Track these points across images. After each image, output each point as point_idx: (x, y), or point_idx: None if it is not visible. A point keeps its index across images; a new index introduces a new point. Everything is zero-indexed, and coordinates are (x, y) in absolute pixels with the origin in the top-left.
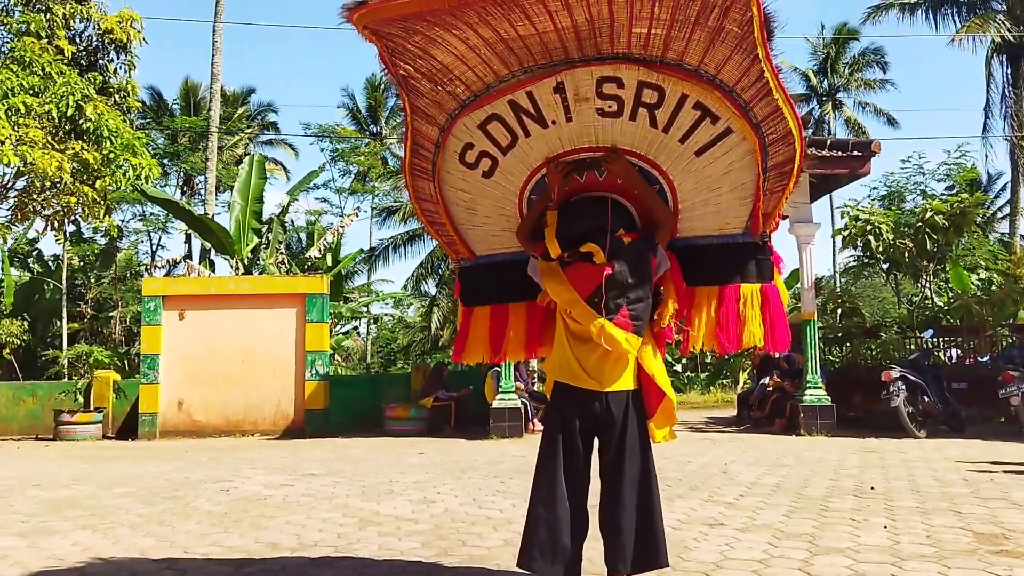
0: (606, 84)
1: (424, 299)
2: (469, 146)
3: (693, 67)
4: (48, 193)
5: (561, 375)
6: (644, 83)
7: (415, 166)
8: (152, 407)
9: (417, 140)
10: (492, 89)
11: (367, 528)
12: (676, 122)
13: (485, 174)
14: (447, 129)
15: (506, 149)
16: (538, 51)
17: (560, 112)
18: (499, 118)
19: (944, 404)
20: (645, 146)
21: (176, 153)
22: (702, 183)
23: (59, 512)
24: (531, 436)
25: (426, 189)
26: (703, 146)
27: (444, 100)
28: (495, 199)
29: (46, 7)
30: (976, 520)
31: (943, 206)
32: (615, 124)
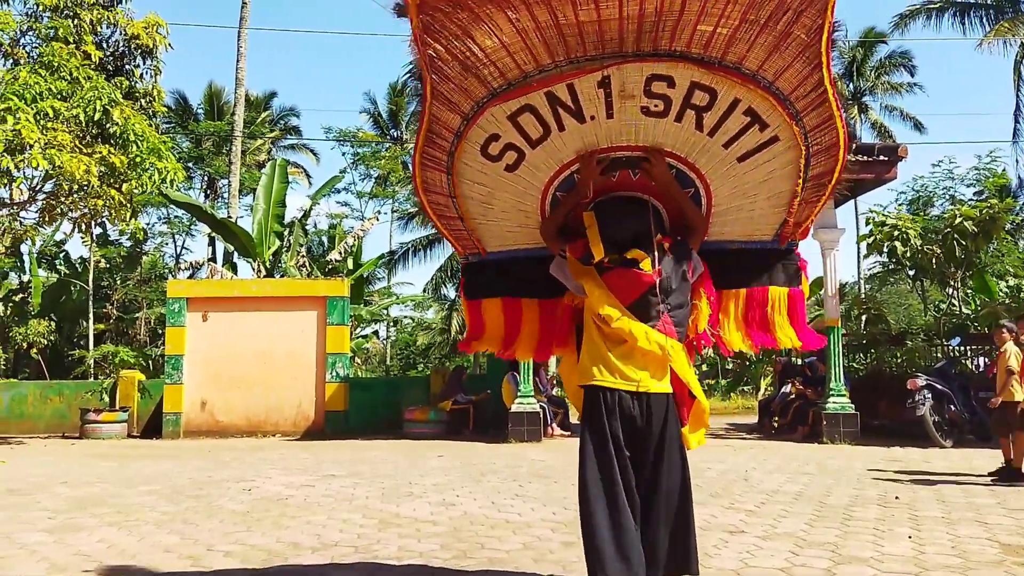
0: (656, 82)
1: (443, 302)
2: (494, 137)
3: (751, 72)
4: (75, 196)
5: (597, 377)
6: (697, 84)
7: (427, 155)
8: (176, 407)
9: (434, 128)
10: (531, 79)
11: (387, 529)
12: (723, 126)
13: (509, 167)
14: (472, 119)
15: (536, 142)
16: (592, 41)
17: (601, 107)
18: (532, 110)
19: (971, 413)
20: (687, 149)
21: (200, 157)
22: (739, 189)
23: (85, 509)
24: (550, 440)
25: (437, 181)
26: (747, 152)
27: (473, 87)
28: (516, 194)
29: (74, 13)
30: (1002, 531)
31: (972, 212)
32: (659, 124)
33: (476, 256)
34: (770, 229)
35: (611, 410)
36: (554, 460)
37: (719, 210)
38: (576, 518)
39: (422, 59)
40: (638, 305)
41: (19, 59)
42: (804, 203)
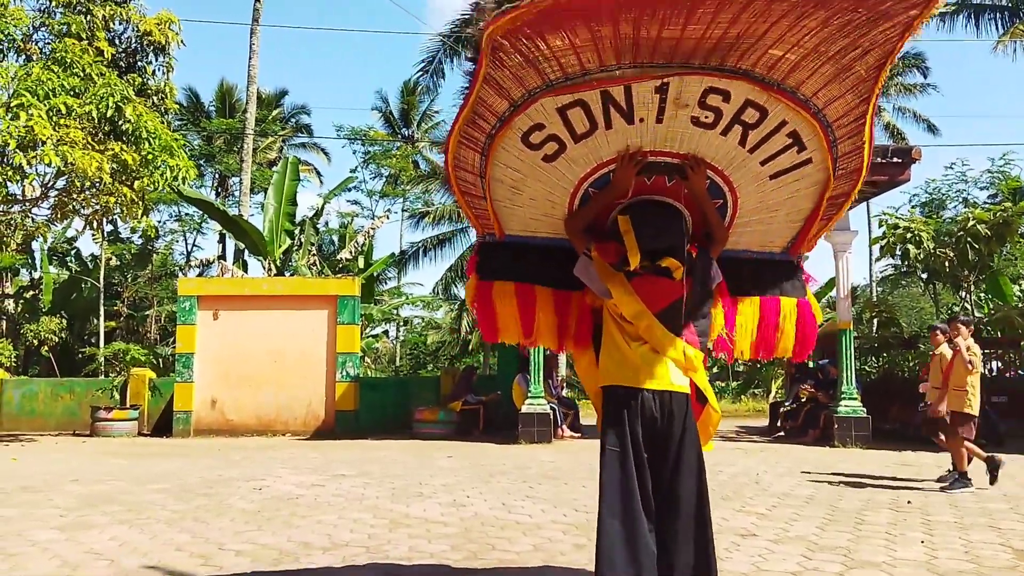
0: (712, 95)
1: (453, 302)
2: (538, 127)
3: (805, 97)
4: (87, 193)
5: (619, 377)
6: (751, 102)
7: (466, 134)
8: (186, 405)
9: (478, 110)
10: (590, 77)
11: (397, 530)
12: (765, 145)
13: (547, 158)
14: (521, 107)
15: (580, 137)
16: (664, 52)
17: (652, 112)
18: (584, 105)
19: (983, 417)
20: (726, 162)
21: (211, 154)
22: (764, 204)
23: (96, 507)
24: (560, 442)
25: (469, 159)
26: (780, 171)
27: (528, 77)
28: (548, 184)
29: (87, 9)
30: (1016, 536)
31: (985, 215)
32: (704, 135)
33: (492, 236)
34: (782, 242)
35: (633, 411)
36: (564, 462)
37: (740, 222)
38: (588, 521)
39: (485, 49)
40: (666, 313)
41: (32, 55)
42: (820, 220)
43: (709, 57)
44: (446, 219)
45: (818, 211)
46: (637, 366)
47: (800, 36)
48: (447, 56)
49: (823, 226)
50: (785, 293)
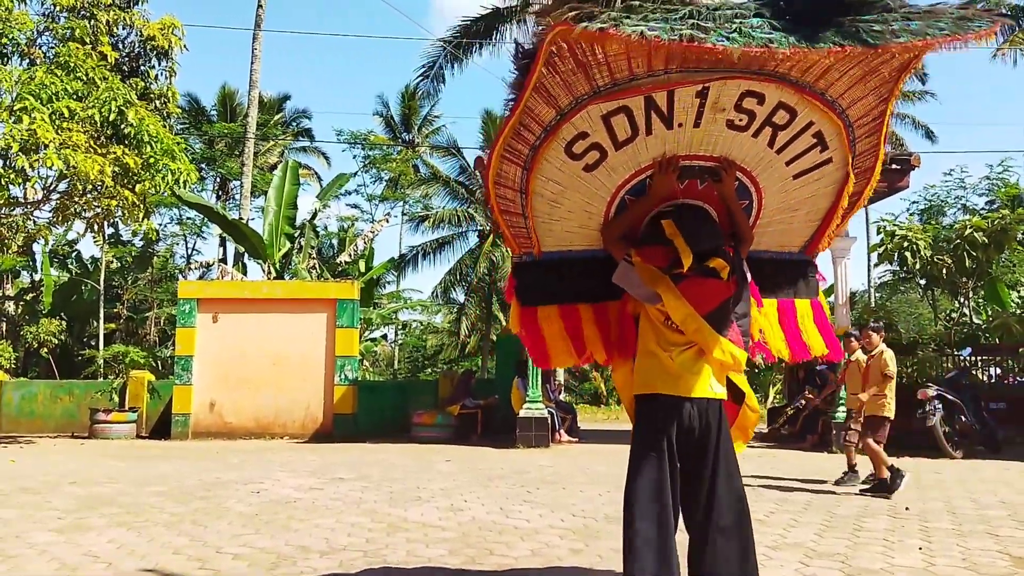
0: (747, 98)
1: (452, 306)
2: (582, 136)
3: (832, 98)
4: (89, 196)
5: (658, 385)
6: (783, 104)
7: (509, 148)
8: (185, 408)
9: (524, 121)
10: (637, 82)
11: (395, 534)
12: (791, 145)
13: (588, 167)
14: (568, 115)
15: (620, 144)
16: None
17: (691, 116)
18: (627, 111)
19: (981, 424)
20: (754, 163)
21: (212, 158)
22: (786, 203)
23: (95, 509)
24: (557, 446)
25: (511, 175)
26: (803, 171)
27: (577, 83)
28: (586, 194)
29: (91, 14)
30: (1014, 544)
31: (983, 222)
32: (736, 137)
33: (529, 256)
34: (800, 241)
35: (671, 420)
36: (562, 466)
37: (763, 222)
38: (585, 526)
39: (542, 55)
40: (715, 315)
41: (36, 59)
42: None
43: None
44: (445, 223)
45: (836, 208)
46: (677, 374)
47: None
48: (448, 61)
49: (839, 224)
50: (799, 294)
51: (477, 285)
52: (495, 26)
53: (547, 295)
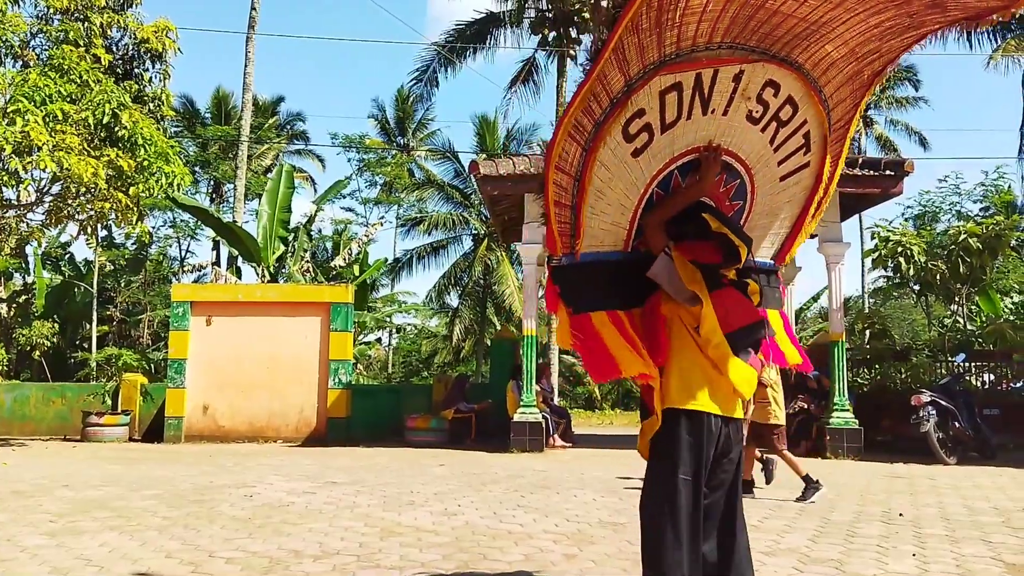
0: (767, 88)
1: (447, 311)
2: (639, 113)
3: (825, 97)
4: (83, 198)
5: (701, 401)
6: (791, 98)
7: (577, 122)
8: (178, 411)
9: (595, 89)
10: (696, 54)
11: (388, 538)
12: (785, 144)
13: (636, 152)
14: (636, 86)
15: (666, 127)
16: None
17: (723, 103)
18: (679, 89)
19: (975, 430)
20: (754, 159)
21: (207, 161)
22: (768, 207)
23: (87, 512)
24: (551, 451)
25: (571, 156)
26: (787, 173)
27: (649, 48)
28: (626, 185)
29: (84, 16)
30: (1007, 550)
31: (977, 229)
32: (748, 131)
33: (569, 258)
34: (769, 251)
35: (710, 439)
36: (556, 471)
37: (747, 227)
38: (579, 531)
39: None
40: (738, 335)
41: (29, 61)
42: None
43: (786, 48)
44: (440, 227)
45: (805, 215)
46: (715, 390)
47: (855, 33)
48: (441, 65)
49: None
50: (769, 305)
51: (471, 289)
52: (488, 30)
53: (596, 299)
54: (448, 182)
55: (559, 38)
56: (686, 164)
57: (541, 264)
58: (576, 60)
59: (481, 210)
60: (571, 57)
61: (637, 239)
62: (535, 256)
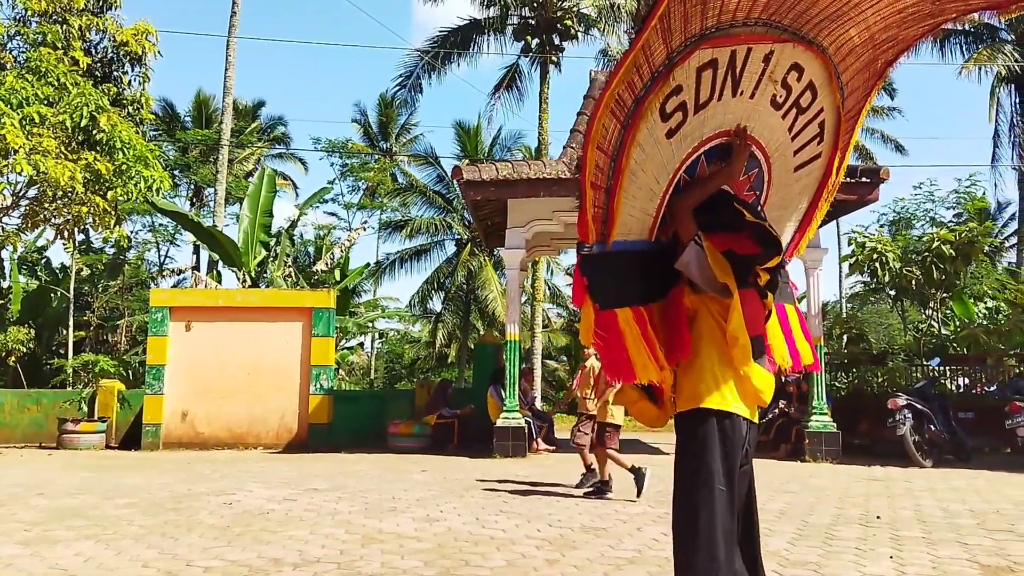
0: (792, 72)
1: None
2: (677, 90)
3: (843, 84)
4: (59, 202)
5: (736, 404)
6: (812, 84)
7: (619, 97)
8: (156, 418)
9: (639, 60)
10: (735, 28)
11: (369, 545)
12: (802, 132)
13: (669, 132)
14: (678, 59)
15: (699, 107)
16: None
17: (752, 85)
18: (715, 66)
19: (950, 433)
20: (773, 147)
21: (187, 165)
22: (782, 200)
23: (62, 521)
24: (534, 456)
25: (610, 133)
26: (801, 164)
27: (693, 17)
28: (657, 168)
29: (63, 19)
30: (982, 552)
31: (951, 235)
32: (771, 116)
33: (600, 246)
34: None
35: (742, 441)
36: (539, 476)
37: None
38: (561, 536)
39: None
40: (758, 341)
41: (6, 64)
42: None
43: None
44: (423, 232)
45: (815, 209)
46: (744, 391)
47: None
48: (425, 71)
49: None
50: (785, 299)
51: (455, 294)
52: (472, 37)
53: (623, 294)
54: (431, 187)
55: (542, 45)
56: (711, 150)
57: (524, 269)
58: (559, 67)
59: (464, 215)
60: (554, 63)
61: (660, 229)
62: (518, 261)
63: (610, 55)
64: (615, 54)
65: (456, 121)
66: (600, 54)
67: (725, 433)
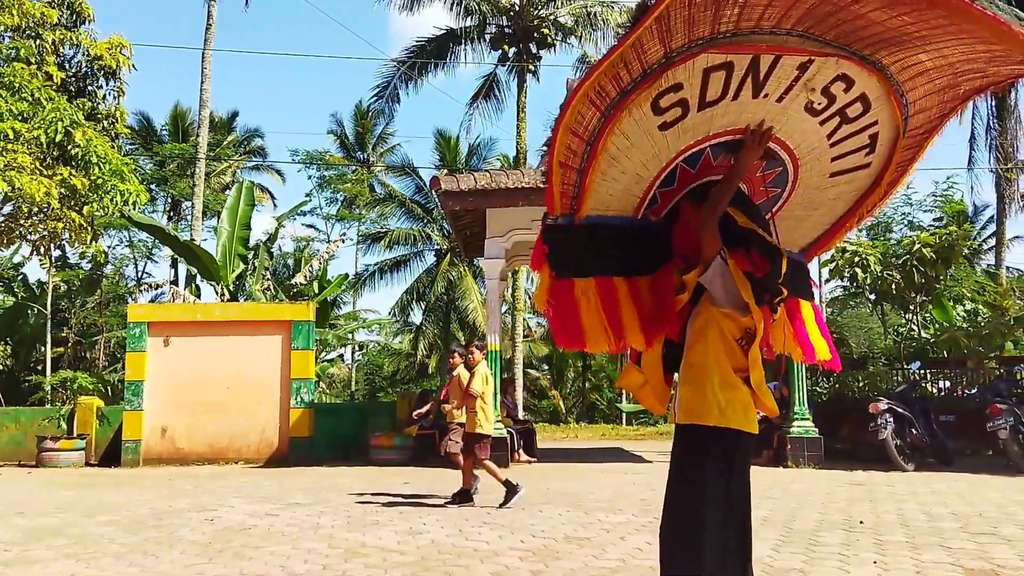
0: (837, 83)
1: (410, 327)
2: (675, 88)
3: (907, 102)
4: (35, 218)
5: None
6: (864, 96)
7: (600, 88)
8: (135, 434)
9: (627, 57)
10: (758, 36)
11: (352, 559)
12: (846, 142)
13: (664, 125)
14: (677, 60)
15: (705, 105)
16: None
17: (780, 89)
18: (729, 69)
19: (932, 437)
20: (805, 151)
21: (164, 178)
22: (810, 202)
23: (42, 540)
24: (516, 466)
25: (587, 120)
26: (841, 171)
27: (700, 23)
28: (647, 157)
29: (36, 33)
30: (965, 556)
31: (931, 239)
32: (804, 122)
33: (567, 219)
34: (803, 242)
35: (744, 456)
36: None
37: (780, 216)
38: (545, 546)
39: None
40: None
41: None
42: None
43: (872, 45)
44: (402, 243)
45: (852, 216)
46: (747, 406)
47: (958, 52)
48: (402, 82)
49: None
50: (802, 295)
51: (435, 304)
52: (449, 46)
53: (585, 265)
54: (410, 197)
55: (519, 54)
56: (720, 144)
57: (504, 279)
58: (536, 75)
59: (444, 225)
60: (531, 72)
61: (650, 209)
62: (498, 271)
63: (588, 62)
64: (592, 61)
65: (437, 129)
66: (578, 62)
67: (727, 451)
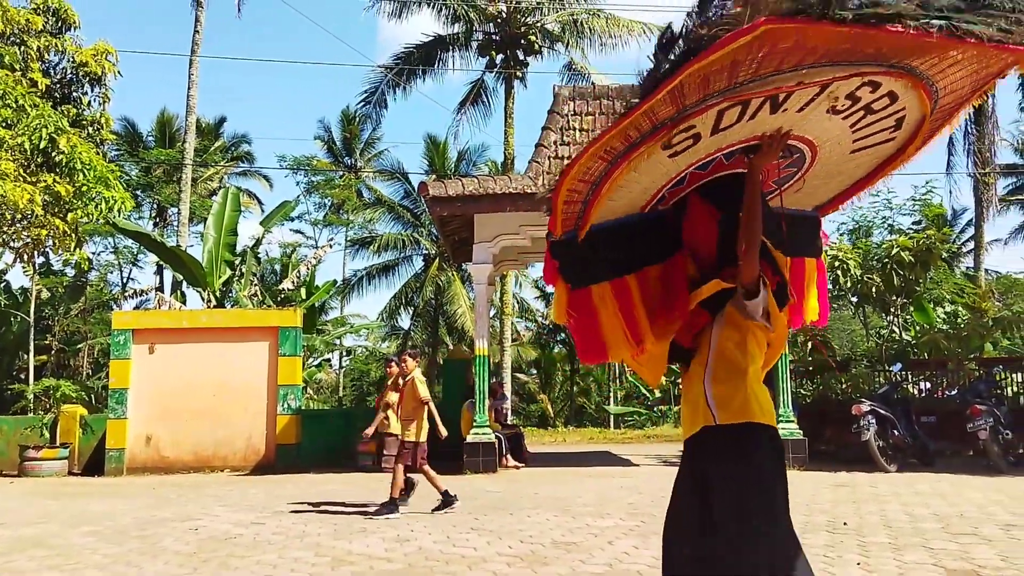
0: (863, 88)
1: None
2: (687, 129)
3: (937, 88)
4: (18, 225)
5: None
6: (891, 92)
7: (609, 148)
8: (119, 442)
9: (639, 121)
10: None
11: (340, 568)
12: (871, 126)
13: (675, 154)
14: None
15: (720, 130)
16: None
17: (800, 103)
18: (745, 104)
19: (913, 438)
20: (825, 140)
21: (150, 185)
22: (828, 173)
23: (24, 551)
24: (504, 471)
25: (594, 170)
26: (863, 147)
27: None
28: (655, 176)
29: (20, 40)
30: (947, 556)
31: (910, 242)
32: (825, 120)
33: (570, 235)
34: (818, 202)
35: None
36: (509, 492)
37: (795, 186)
38: (533, 552)
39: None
40: None
41: None
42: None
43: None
44: (390, 248)
45: (873, 178)
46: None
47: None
48: (390, 88)
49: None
50: (807, 253)
51: (423, 309)
52: (437, 53)
53: (597, 270)
54: (398, 202)
55: (507, 60)
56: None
57: (492, 283)
58: (524, 82)
59: (432, 230)
60: (519, 79)
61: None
62: (486, 276)
63: (574, 69)
64: (579, 68)
65: (427, 134)
66: (564, 68)
67: (775, 446)
